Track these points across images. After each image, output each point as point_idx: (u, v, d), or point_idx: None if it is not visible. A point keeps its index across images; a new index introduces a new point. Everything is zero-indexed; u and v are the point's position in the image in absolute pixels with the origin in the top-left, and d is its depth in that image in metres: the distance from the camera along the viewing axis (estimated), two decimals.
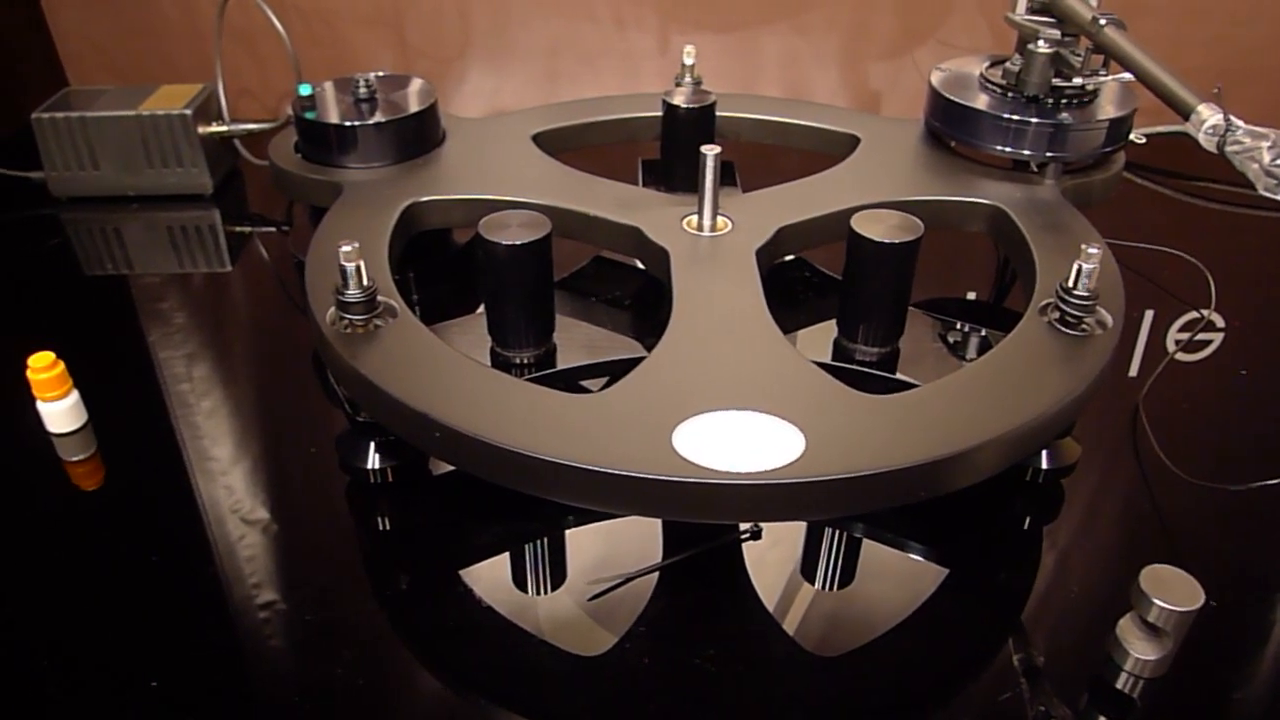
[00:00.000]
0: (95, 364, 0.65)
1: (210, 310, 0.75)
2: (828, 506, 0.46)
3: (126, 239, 0.83)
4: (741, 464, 0.44)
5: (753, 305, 0.56)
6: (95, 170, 0.86)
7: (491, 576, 0.51)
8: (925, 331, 0.61)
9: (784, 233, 0.64)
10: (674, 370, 0.51)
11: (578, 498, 0.47)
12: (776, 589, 0.51)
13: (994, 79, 0.72)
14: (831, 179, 0.70)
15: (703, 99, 0.73)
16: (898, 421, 0.47)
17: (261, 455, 0.60)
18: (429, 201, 0.68)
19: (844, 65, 1.02)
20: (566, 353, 0.58)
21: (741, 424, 0.47)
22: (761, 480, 0.44)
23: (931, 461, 0.45)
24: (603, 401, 0.49)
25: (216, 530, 0.54)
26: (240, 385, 0.66)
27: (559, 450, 0.45)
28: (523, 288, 0.55)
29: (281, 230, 0.85)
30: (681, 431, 0.46)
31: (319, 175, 0.72)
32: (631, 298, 0.70)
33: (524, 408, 0.48)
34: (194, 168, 0.86)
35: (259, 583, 0.51)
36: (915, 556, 0.53)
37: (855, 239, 0.56)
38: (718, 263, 0.60)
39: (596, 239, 0.67)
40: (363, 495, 0.56)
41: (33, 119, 0.84)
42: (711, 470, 0.44)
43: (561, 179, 0.70)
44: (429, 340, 0.52)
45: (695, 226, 0.63)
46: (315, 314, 0.54)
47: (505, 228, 0.54)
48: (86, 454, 0.59)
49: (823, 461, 0.45)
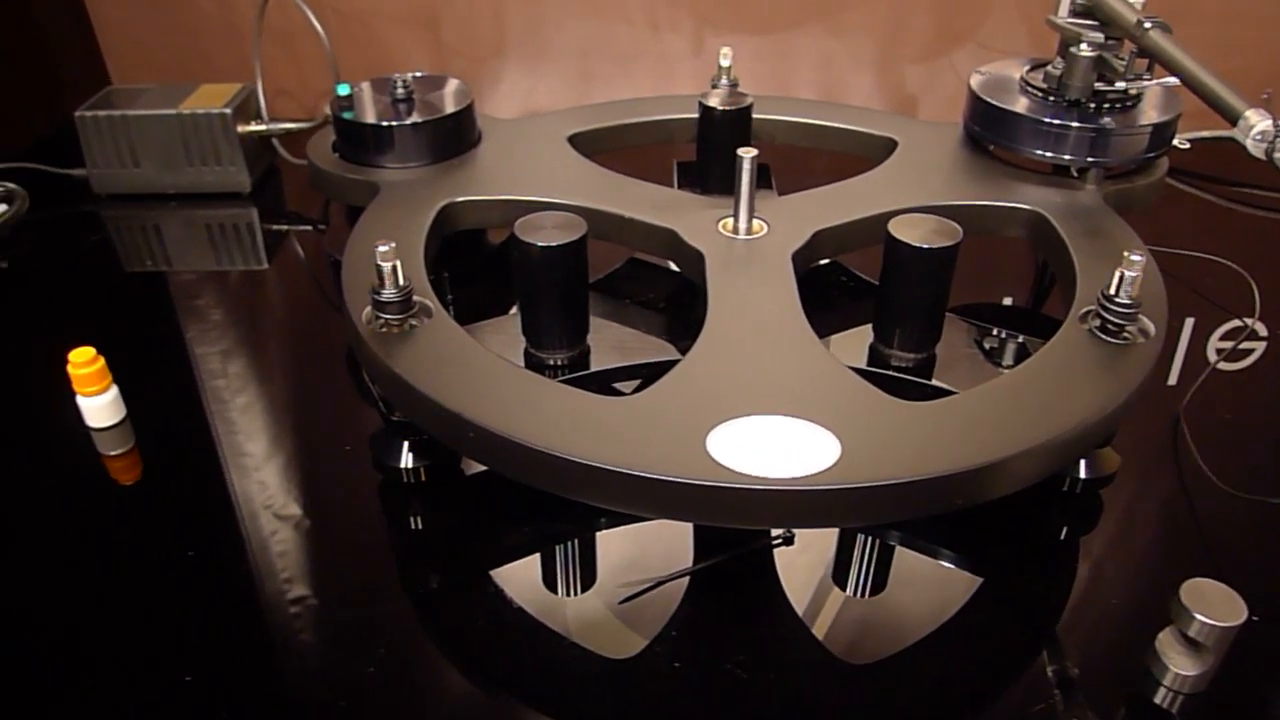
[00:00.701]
0: (134, 359, 0.66)
1: (246, 307, 0.75)
2: (862, 514, 0.46)
3: (166, 236, 0.84)
4: (776, 469, 0.44)
5: (788, 309, 0.56)
6: (136, 168, 0.87)
7: (522, 577, 0.51)
8: (962, 337, 0.60)
9: (820, 236, 0.63)
10: (708, 374, 0.51)
11: (610, 500, 0.47)
12: (808, 595, 0.50)
13: (1035, 83, 0.71)
14: (868, 182, 0.70)
15: (739, 101, 0.72)
16: (934, 429, 0.47)
17: (295, 452, 0.60)
18: (465, 202, 0.68)
19: (880, 68, 1.01)
20: (600, 355, 0.58)
21: (776, 429, 0.47)
22: (796, 486, 0.44)
23: (968, 470, 0.45)
24: (637, 404, 0.49)
25: (249, 525, 0.54)
26: (275, 382, 0.67)
27: (592, 452, 0.45)
28: (557, 289, 0.55)
29: (318, 229, 0.86)
30: (716, 436, 0.46)
31: (356, 175, 0.72)
32: (666, 300, 0.70)
33: (557, 409, 0.48)
34: (232, 166, 0.87)
35: (291, 578, 0.51)
36: (949, 565, 0.52)
37: (892, 243, 0.55)
38: (753, 266, 0.60)
39: (631, 241, 0.67)
40: (395, 494, 0.56)
41: (76, 117, 0.85)
42: (745, 475, 0.44)
43: (597, 180, 0.70)
44: (464, 341, 0.53)
45: (730, 229, 0.63)
46: (351, 313, 0.55)
47: (540, 229, 0.54)
48: (125, 448, 0.60)
49: (858, 468, 0.44)
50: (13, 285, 0.78)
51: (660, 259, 0.72)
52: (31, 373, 0.67)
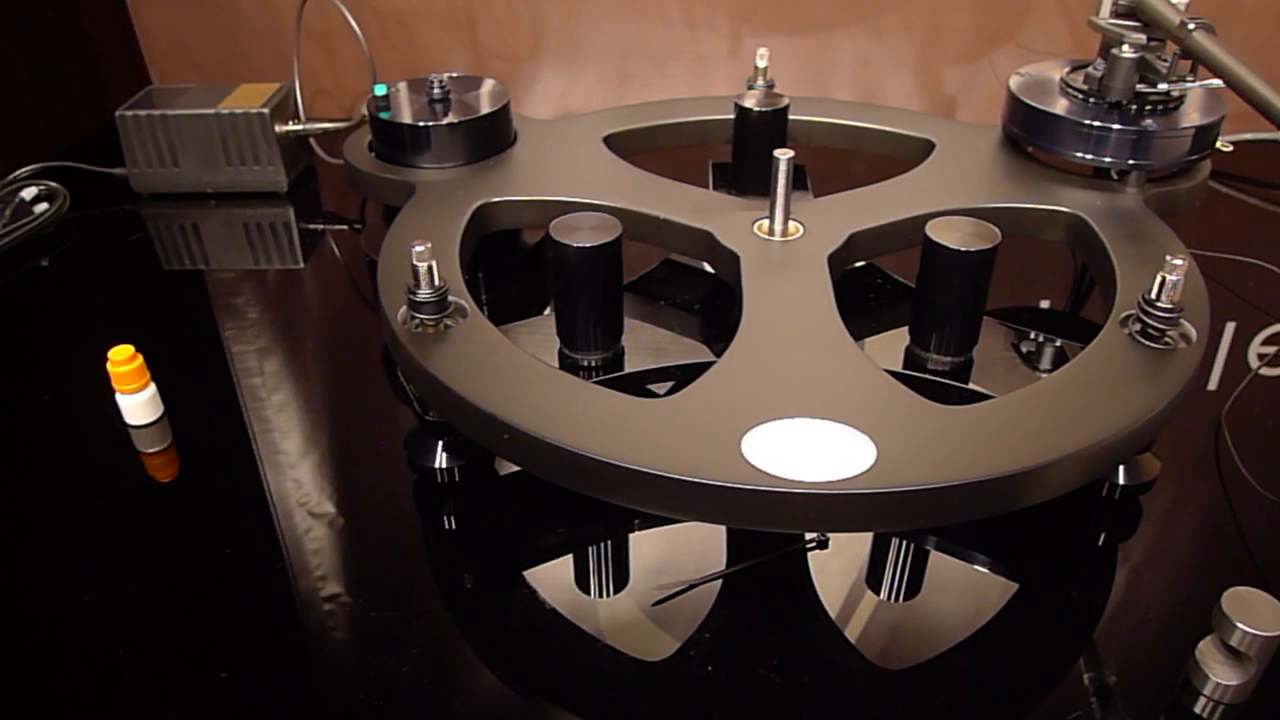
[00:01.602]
0: (172, 357, 0.67)
1: (283, 306, 0.76)
2: (898, 519, 0.46)
3: (204, 235, 0.85)
4: (811, 473, 0.44)
5: (824, 311, 0.56)
6: (176, 167, 0.88)
7: (555, 578, 0.52)
8: (999, 341, 0.60)
9: (856, 238, 0.63)
10: (743, 376, 0.51)
11: (643, 502, 0.47)
12: (841, 599, 0.50)
13: (1075, 84, 0.70)
14: (906, 184, 0.69)
15: (776, 102, 0.72)
16: (972, 433, 0.47)
17: (329, 450, 0.61)
18: (500, 202, 0.68)
19: (919, 69, 1.01)
20: (634, 356, 0.58)
21: (812, 432, 0.46)
22: (831, 490, 0.43)
23: (1006, 475, 0.44)
24: (671, 406, 0.49)
25: (284, 523, 0.55)
26: (310, 381, 0.67)
27: (626, 454, 0.45)
28: (592, 290, 0.55)
29: (354, 228, 0.87)
30: (751, 438, 0.46)
31: (392, 175, 0.73)
32: (700, 302, 0.70)
33: (592, 411, 0.48)
34: (270, 165, 0.88)
35: (325, 576, 0.52)
36: (984, 570, 0.52)
37: (930, 246, 0.55)
38: (789, 268, 0.60)
39: (666, 242, 0.67)
40: (429, 494, 0.57)
41: (116, 116, 0.86)
42: (781, 479, 0.44)
43: (632, 181, 0.70)
44: (499, 341, 0.53)
45: (766, 231, 0.63)
46: (387, 312, 0.55)
47: (576, 230, 0.55)
48: (163, 445, 0.61)
49: (894, 473, 0.44)
50: (53, 283, 0.79)
51: (695, 260, 0.72)
52: (72, 370, 0.68)
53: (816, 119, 0.79)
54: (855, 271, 0.71)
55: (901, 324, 0.60)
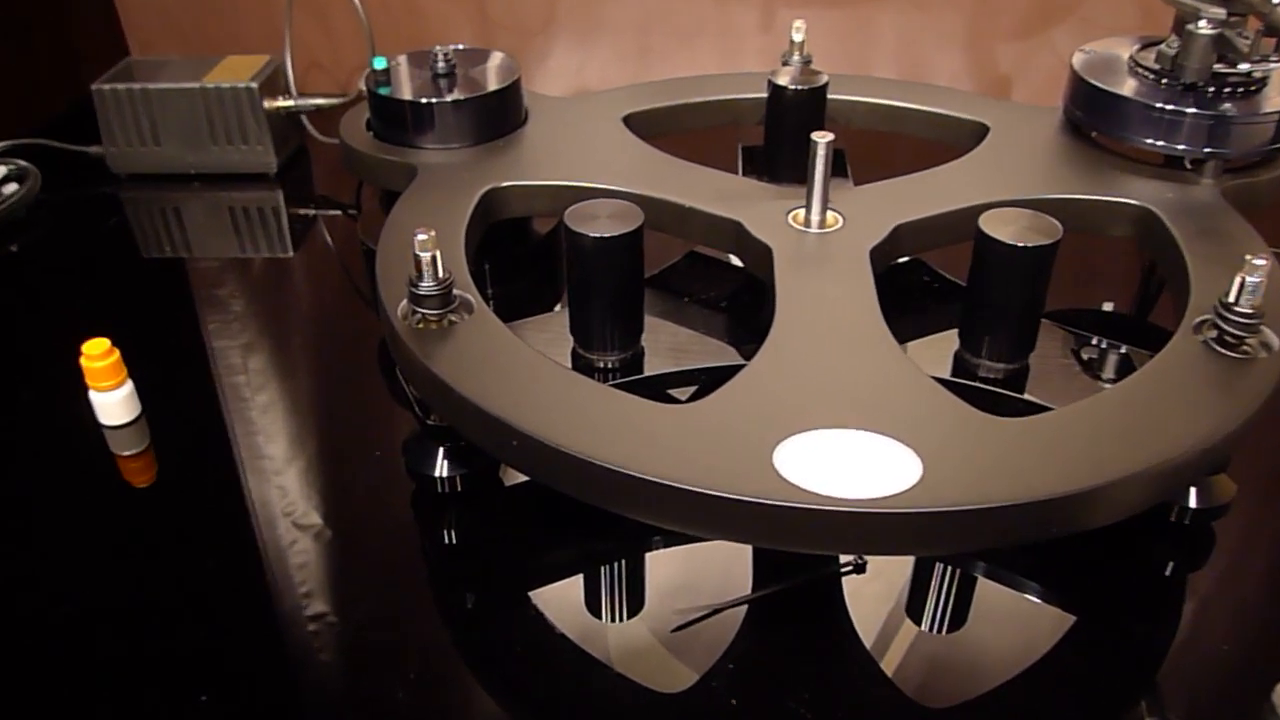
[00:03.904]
0: (150, 352, 0.68)
1: (270, 298, 0.77)
2: (944, 541, 0.46)
3: (186, 219, 0.86)
4: (849, 489, 0.44)
5: (865, 311, 0.55)
6: (156, 146, 0.89)
7: (564, 599, 0.52)
8: (1058, 347, 0.59)
9: (901, 231, 0.63)
10: (776, 382, 0.51)
11: (664, 518, 0.47)
12: (878, 628, 0.50)
13: (1145, 63, 0.70)
14: (956, 172, 0.69)
15: (813, 80, 0.72)
16: (1027, 448, 0.46)
17: (319, 456, 0.61)
18: (510, 187, 0.68)
19: (970, 45, 1.01)
20: (655, 357, 0.58)
21: (850, 444, 0.46)
22: (871, 508, 0.43)
23: (1065, 495, 0.44)
24: (696, 413, 0.49)
25: (266, 534, 0.55)
26: (299, 380, 0.68)
27: (646, 465, 0.45)
28: (610, 284, 0.55)
29: (349, 214, 0.87)
30: (783, 450, 0.46)
31: (392, 156, 0.73)
32: (728, 299, 0.70)
33: (608, 416, 0.48)
34: (259, 145, 0.89)
35: (310, 593, 0.52)
36: (1037, 600, 0.52)
37: (983, 241, 0.55)
38: (826, 263, 0.60)
39: (691, 233, 0.67)
40: (429, 504, 0.57)
41: (93, 90, 0.87)
42: (816, 495, 0.44)
43: (655, 166, 0.71)
44: (508, 339, 0.53)
45: (802, 222, 0.63)
46: (386, 307, 0.55)
47: (593, 218, 0.55)
48: (139, 448, 0.61)
49: (941, 490, 0.44)
50: (23, 270, 0.80)
51: (723, 253, 0.72)
52: (42, 365, 0.69)
53: (857, 99, 0.79)
54: (899, 268, 0.71)
55: (950, 326, 0.60)
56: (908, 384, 0.51)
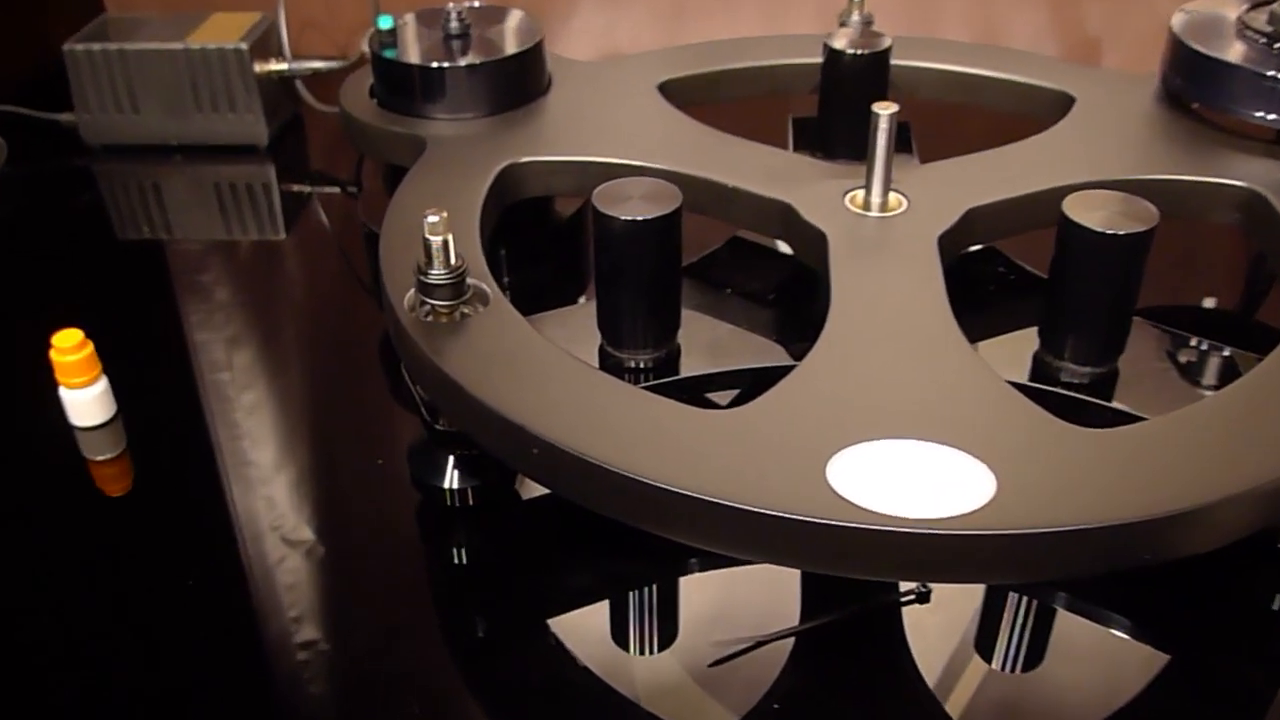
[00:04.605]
0: (124, 345, 0.68)
1: (259, 286, 0.77)
2: (1021, 568, 0.46)
3: (166, 197, 0.87)
4: (913, 507, 0.44)
5: (932, 306, 0.56)
6: (134, 114, 0.90)
7: (588, 628, 0.52)
8: (1152, 348, 0.59)
9: (974, 215, 0.63)
10: (830, 385, 0.51)
11: (701, 537, 0.47)
12: (943, 665, 0.50)
13: (1256, 25, 0.69)
14: (1037, 149, 0.69)
15: (874, 43, 0.72)
16: (1117, 463, 0.46)
17: (311, 464, 0.61)
18: (530, 163, 0.69)
19: (1052, 3, 1.00)
20: (692, 357, 0.59)
21: (914, 457, 0.46)
22: (937, 530, 0.43)
23: (1159, 518, 0.44)
24: (738, 420, 0.49)
25: (251, 550, 0.56)
26: (290, 378, 0.68)
27: (681, 478, 0.45)
28: (643, 274, 0.56)
29: (349, 192, 0.88)
30: (838, 463, 0.46)
31: (398, 127, 0.74)
32: (776, 291, 0.70)
33: (640, 423, 0.48)
34: (248, 113, 0.90)
35: (300, 618, 0.52)
36: (1124, 636, 0.52)
37: (1068, 227, 0.55)
38: (889, 251, 0.60)
39: (735, 215, 0.67)
40: (436, 519, 0.57)
41: (64, 51, 0.88)
42: (874, 513, 0.44)
43: (694, 140, 0.71)
44: (527, 335, 0.53)
45: (861, 204, 0.63)
46: (390, 297, 0.56)
47: (625, 199, 0.55)
48: (114, 453, 0.62)
49: (1018, 510, 0.44)
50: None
51: (770, 239, 0.72)
52: (6, 359, 0.70)
53: (924, 65, 0.79)
54: (971, 257, 0.71)
55: (1029, 324, 0.60)
56: (980, 389, 0.51)
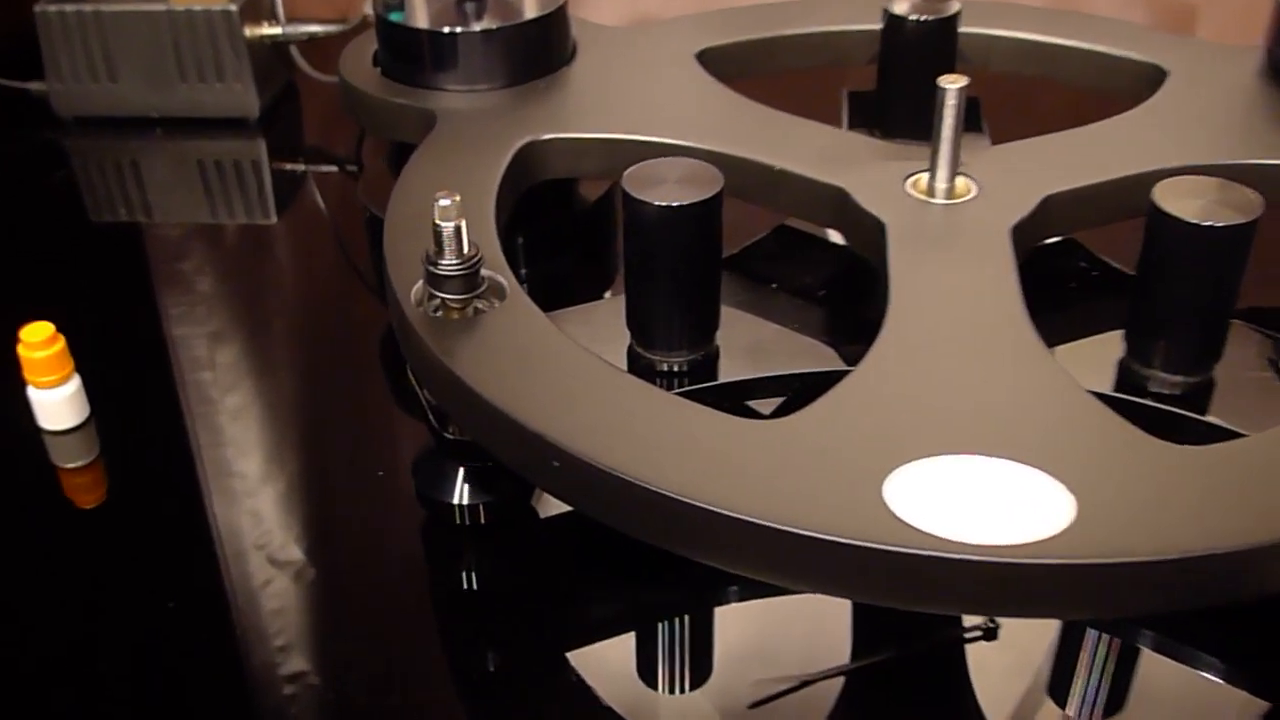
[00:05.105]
0: (98, 340, 0.69)
1: (247, 275, 0.78)
2: (1101, 602, 0.45)
3: (146, 175, 0.87)
4: (979, 532, 0.44)
5: (1004, 305, 0.55)
6: (111, 83, 0.91)
7: (612, 662, 0.52)
8: (1252, 355, 0.59)
9: (1052, 203, 0.63)
10: (887, 394, 0.51)
11: (740, 563, 0.47)
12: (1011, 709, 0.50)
13: None
14: (1124, 129, 0.69)
15: (940, 8, 0.72)
16: (1213, 485, 0.46)
17: (303, 475, 0.62)
18: (553, 141, 0.69)
19: None
20: (733, 359, 0.59)
21: (982, 476, 0.46)
22: (1007, 557, 0.43)
23: (1261, 547, 0.44)
24: (785, 432, 0.49)
25: (234, 570, 0.56)
26: (280, 378, 0.68)
27: (720, 495, 0.45)
28: (678, 266, 0.56)
29: (348, 172, 0.88)
30: (896, 481, 0.46)
31: (405, 99, 0.74)
32: (828, 287, 0.70)
33: (673, 433, 0.48)
34: (237, 83, 0.90)
35: (287, 646, 0.52)
36: (1219, 680, 0.52)
37: (1159, 218, 0.55)
38: (955, 243, 0.60)
39: (782, 201, 0.67)
40: (443, 539, 0.58)
41: (36, 13, 0.89)
42: (936, 538, 0.44)
43: (736, 116, 0.71)
44: (548, 333, 0.54)
45: (924, 190, 0.63)
46: (395, 290, 0.56)
47: (659, 183, 0.55)
48: (87, 459, 0.62)
49: (1100, 536, 0.44)
50: None
51: (822, 228, 0.72)
52: None
53: (997, 33, 0.79)
54: (1049, 250, 0.70)
55: (1114, 327, 0.60)
56: (1057, 399, 0.50)
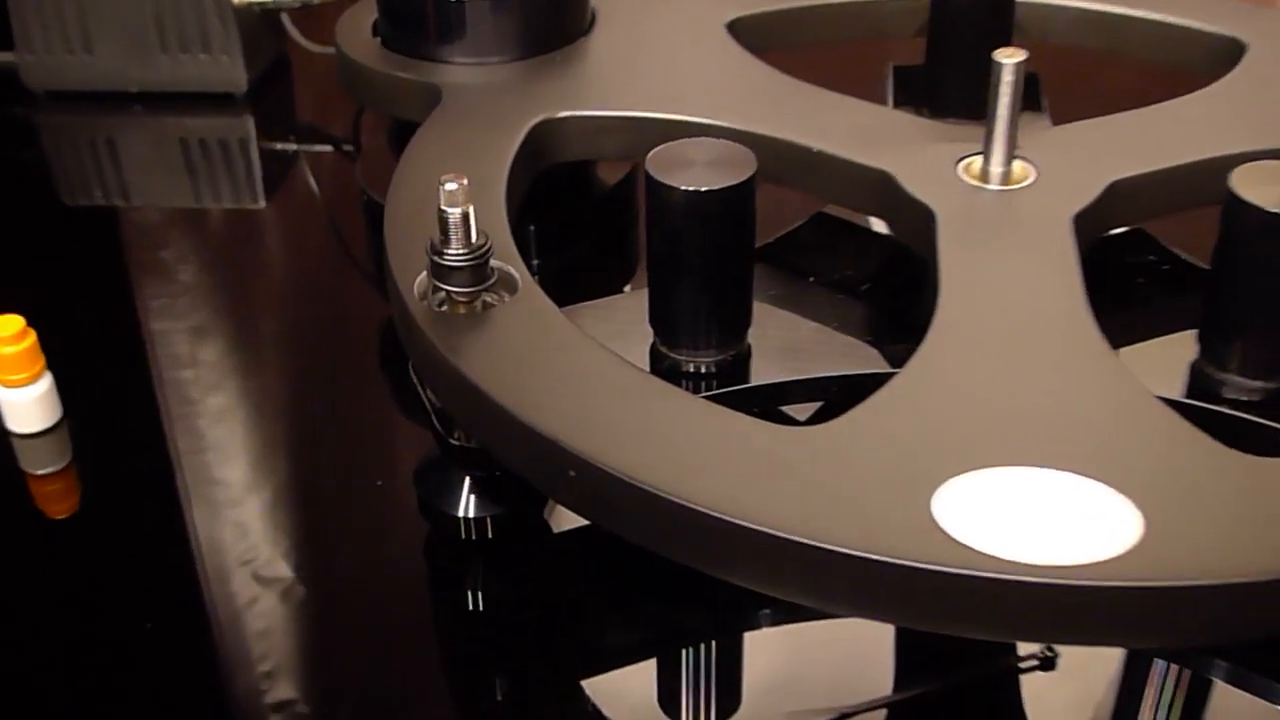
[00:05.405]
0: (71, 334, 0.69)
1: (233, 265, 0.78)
2: (1171, 629, 0.45)
3: (123, 155, 0.88)
4: (1037, 552, 0.44)
5: (1065, 302, 0.55)
6: (87, 54, 0.91)
7: (631, 692, 0.52)
8: None
9: (1118, 190, 0.63)
10: (937, 398, 0.51)
11: (773, 584, 0.47)
12: None
13: None
14: (1198, 109, 0.69)
15: None
16: None
17: (293, 484, 0.62)
18: (569, 119, 0.69)
19: None
20: (766, 360, 0.59)
21: (1040, 490, 0.46)
22: (1068, 579, 0.43)
23: None
24: (823, 440, 0.49)
25: (215, 589, 0.56)
26: (268, 378, 0.69)
27: (751, 509, 0.45)
28: (708, 257, 0.56)
29: (344, 152, 0.88)
30: (946, 495, 0.46)
31: (407, 73, 0.74)
32: (871, 281, 0.70)
33: (701, 440, 0.48)
34: (223, 54, 0.91)
35: (273, 672, 0.52)
36: None
37: (1236, 206, 0.55)
38: (1012, 233, 0.60)
39: (821, 186, 0.67)
40: (447, 555, 0.58)
41: None
42: (989, 558, 0.44)
43: (771, 92, 0.71)
44: (564, 330, 0.54)
45: (978, 174, 0.63)
46: (397, 282, 0.56)
47: (686, 165, 0.55)
48: (59, 465, 0.63)
49: (1170, 556, 0.44)
50: None
51: (864, 216, 0.72)
52: None
53: (1057, 2, 0.79)
54: (1114, 241, 0.70)
55: (1186, 326, 0.60)
56: (1123, 406, 0.50)
